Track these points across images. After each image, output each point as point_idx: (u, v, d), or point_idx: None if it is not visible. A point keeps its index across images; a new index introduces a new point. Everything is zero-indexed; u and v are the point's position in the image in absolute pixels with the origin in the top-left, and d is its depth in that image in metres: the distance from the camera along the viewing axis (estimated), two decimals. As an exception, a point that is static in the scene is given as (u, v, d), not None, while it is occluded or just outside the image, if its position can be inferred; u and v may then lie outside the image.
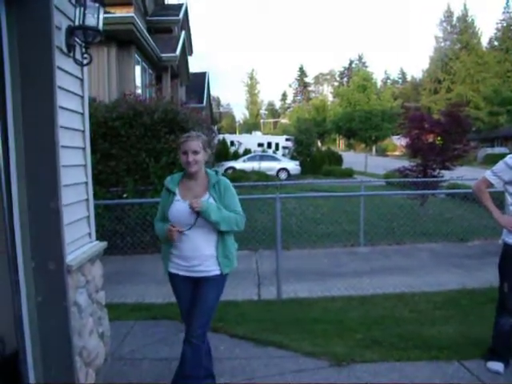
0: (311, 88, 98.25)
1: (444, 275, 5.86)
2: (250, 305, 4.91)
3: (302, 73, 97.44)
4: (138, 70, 12.67)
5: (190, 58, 20.96)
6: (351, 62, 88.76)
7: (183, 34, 16.25)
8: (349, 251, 7.49)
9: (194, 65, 69.52)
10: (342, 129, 34.73)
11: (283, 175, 22.65)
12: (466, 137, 11.94)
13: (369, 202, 9.11)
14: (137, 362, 3.54)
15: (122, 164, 7.44)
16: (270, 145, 33.38)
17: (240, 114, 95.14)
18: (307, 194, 11.49)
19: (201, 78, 24.08)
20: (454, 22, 66.73)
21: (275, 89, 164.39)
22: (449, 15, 67.67)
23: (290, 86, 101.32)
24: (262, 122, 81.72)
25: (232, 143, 31.98)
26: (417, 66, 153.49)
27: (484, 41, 65.75)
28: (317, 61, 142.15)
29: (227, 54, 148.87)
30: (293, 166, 23.39)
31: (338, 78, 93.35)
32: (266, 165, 22.46)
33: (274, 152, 30.25)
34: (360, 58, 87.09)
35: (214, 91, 76.08)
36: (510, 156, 3.24)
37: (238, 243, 2.95)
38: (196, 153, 2.71)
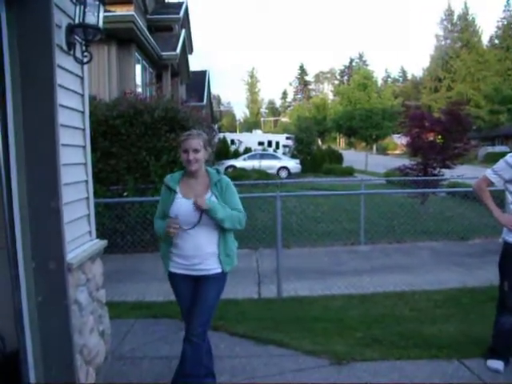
0: (312, 86, 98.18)
1: (444, 273, 5.86)
2: (250, 303, 4.91)
3: (303, 71, 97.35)
4: (138, 68, 12.67)
5: (191, 57, 20.98)
6: (352, 61, 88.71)
7: (183, 32, 16.23)
8: (349, 250, 7.50)
9: (195, 63, 69.67)
10: (343, 127, 34.66)
11: (283, 174, 22.68)
12: (467, 135, 11.94)
13: (369, 200, 9.11)
14: (137, 360, 3.54)
15: (123, 162, 7.45)
16: (270, 143, 33.43)
17: (240, 112, 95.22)
18: (307, 192, 11.52)
19: (201, 77, 24.05)
20: (455, 21, 66.66)
21: (276, 87, 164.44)
22: (449, 13, 67.54)
23: (290, 84, 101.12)
24: (262, 120, 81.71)
25: (232, 142, 31.99)
26: (417, 65, 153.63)
27: (485, 39, 65.85)
28: (317, 59, 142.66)
29: (227, 53, 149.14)
30: (293, 164, 23.42)
31: (338, 77, 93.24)
32: (266, 163, 22.49)
33: (275, 150, 30.32)
34: (361, 57, 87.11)
35: (215, 90, 76.01)
36: (510, 154, 3.23)
37: (239, 241, 2.94)
38: (197, 151, 2.71)
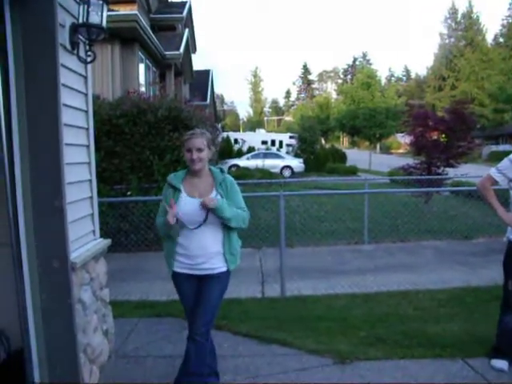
0: (315, 85, 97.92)
1: (448, 273, 5.85)
2: (253, 302, 4.91)
3: (306, 70, 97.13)
4: (141, 67, 12.68)
5: (194, 56, 20.97)
6: (355, 60, 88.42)
7: (187, 31, 16.22)
8: (353, 249, 7.48)
9: (198, 63, 69.70)
10: (346, 126, 34.61)
11: (287, 173, 22.67)
12: (471, 134, 11.88)
13: (373, 199, 9.09)
14: (141, 359, 3.54)
15: (126, 162, 7.47)
16: (273, 142, 33.41)
17: (244, 111, 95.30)
18: (311, 191, 11.50)
19: (204, 76, 24.03)
20: (459, 19, 66.32)
21: (279, 86, 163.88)
22: (453, 12, 67.24)
23: (293, 83, 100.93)
24: (265, 119, 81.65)
25: (236, 141, 31.99)
26: (421, 64, 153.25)
27: (489, 37, 65.62)
28: (320, 58, 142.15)
29: (231, 52, 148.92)
30: (296, 163, 23.40)
31: (341, 76, 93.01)
32: (269, 162, 22.46)
33: (278, 150, 30.31)
34: (364, 56, 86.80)
35: (218, 89, 76.25)
36: (514, 153, 3.22)
37: (242, 241, 2.94)
38: (200, 150, 2.70)
